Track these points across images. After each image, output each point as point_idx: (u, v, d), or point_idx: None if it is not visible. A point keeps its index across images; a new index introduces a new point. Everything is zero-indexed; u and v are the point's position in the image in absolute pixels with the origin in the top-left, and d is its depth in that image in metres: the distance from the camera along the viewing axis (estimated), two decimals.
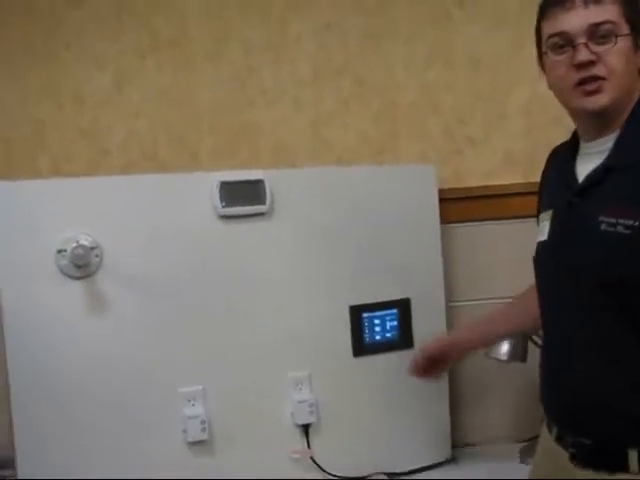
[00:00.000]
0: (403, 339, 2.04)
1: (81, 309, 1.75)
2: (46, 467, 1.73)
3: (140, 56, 2.20)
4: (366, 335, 2.00)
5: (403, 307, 2.04)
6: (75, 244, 1.70)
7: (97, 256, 1.75)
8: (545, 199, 1.45)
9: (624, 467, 1.20)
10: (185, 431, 1.83)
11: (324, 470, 1.96)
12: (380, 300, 2.02)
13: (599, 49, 1.24)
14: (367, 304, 2.01)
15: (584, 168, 1.30)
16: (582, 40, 1.25)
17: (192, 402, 1.84)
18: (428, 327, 2.05)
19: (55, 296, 1.73)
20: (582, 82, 1.26)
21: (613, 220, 1.18)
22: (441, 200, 2.10)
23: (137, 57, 2.20)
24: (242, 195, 1.86)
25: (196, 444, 1.85)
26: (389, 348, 2.03)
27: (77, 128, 2.18)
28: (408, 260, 2.05)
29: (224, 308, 1.87)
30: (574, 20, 1.25)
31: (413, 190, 2.06)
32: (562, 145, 1.45)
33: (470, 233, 2.22)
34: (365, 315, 2.00)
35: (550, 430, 1.37)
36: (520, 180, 2.18)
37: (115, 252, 1.77)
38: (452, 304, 2.18)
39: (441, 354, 1.70)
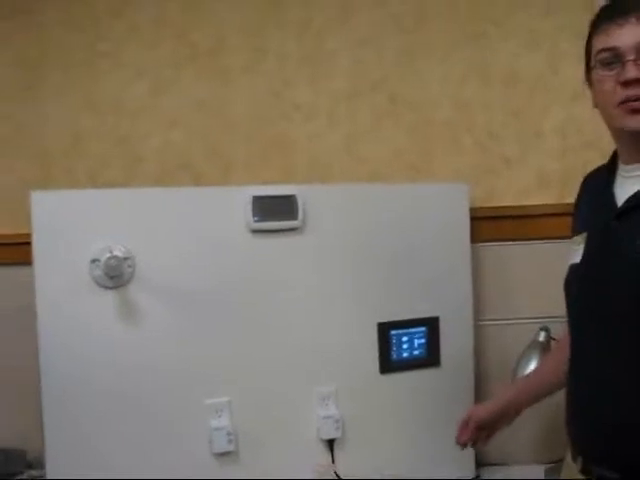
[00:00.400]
0: (431, 357, 2.05)
1: (113, 319, 1.77)
2: (74, 470, 1.75)
3: (177, 66, 2.22)
4: (393, 352, 2.01)
5: (431, 325, 2.04)
6: (109, 254, 1.72)
7: (130, 267, 1.76)
8: (579, 222, 1.43)
9: None
10: (211, 442, 1.84)
11: None
12: (408, 318, 2.02)
13: None
14: (395, 321, 2.01)
15: (624, 191, 1.28)
16: (631, 57, 1.22)
17: (219, 413, 1.85)
18: (456, 346, 2.06)
19: (88, 305, 1.75)
20: (627, 100, 1.23)
21: None
22: (472, 219, 2.10)
23: (174, 67, 2.22)
24: (274, 210, 1.87)
25: (222, 455, 1.86)
26: (416, 366, 2.03)
27: (114, 137, 2.21)
28: (437, 278, 2.05)
29: (254, 321, 1.89)
30: (625, 36, 1.22)
31: (445, 208, 2.06)
32: (597, 170, 1.44)
33: (500, 253, 2.21)
34: (393, 332, 2.00)
35: (575, 460, 1.35)
36: (553, 201, 2.17)
37: (148, 263, 1.79)
38: (480, 323, 2.18)
39: (492, 421, 1.66)
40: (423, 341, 2.04)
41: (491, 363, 2.21)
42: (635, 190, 1.26)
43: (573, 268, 1.36)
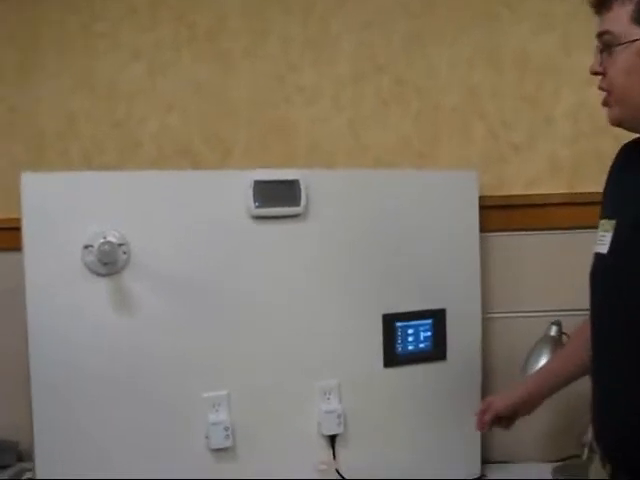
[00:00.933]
0: (437, 350, 1.98)
1: (106, 307, 1.70)
2: (64, 462, 1.68)
3: (176, 48, 2.15)
4: (398, 345, 1.94)
5: (438, 317, 1.98)
6: (102, 240, 1.65)
7: (125, 253, 1.69)
8: (609, 204, 1.33)
9: None
10: (208, 437, 1.77)
11: None
12: (414, 309, 1.95)
13: (605, 59, 1.21)
14: (401, 313, 1.94)
15: None
16: (599, 48, 1.22)
17: (216, 408, 1.78)
18: (463, 339, 2.00)
19: (80, 293, 1.67)
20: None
21: None
22: (481, 207, 2.03)
23: (173, 49, 2.16)
24: (276, 195, 1.80)
25: (219, 451, 1.79)
26: (422, 359, 1.97)
27: (110, 119, 2.14)
28: (445, 268, 1.99)
29: (253, 311, 1.82)
30: (598, 24, 1.23)
31: (453, 196, 1.99)
32: (636, 143, 1.33)
33: (510, 243, 2.14)
34: (398, 324, 1.94)
35: (604, 466, 1.28)
36: (564, 189, 2.10)
37: (143, 249, 1.72)
38: (488, 315, 2.11)
39: (511, 412, 1.64)
40: (429, 334, 1.97)
41: (499, 358, 2.14)
42: None
43: (599, 258, 1.29)
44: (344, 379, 1.89)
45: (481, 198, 2.04)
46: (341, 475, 1.89)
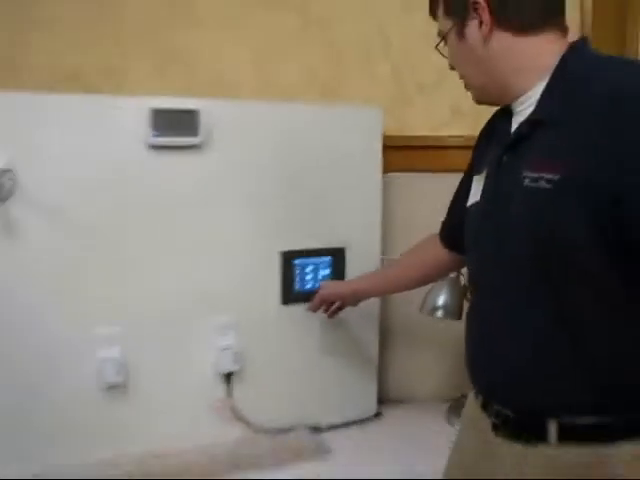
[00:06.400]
0: None
1: None
2: None
3: None
4: (297, 283, 1.92)
5: (337, 255, 1.96)
6: None
7: (10, 179, 1.60)
8: (480, 162, 1.38)
9: (543, 438, 1.17)
10: (99, 373, 1.72)
11: (245, 421, 1.88)
12: (313, 247, 1.93)
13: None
14: (299, 250, 1.91)
15: (517, 123, 1.25)
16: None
17: (108, 343, 1.72)
18: None
19: None
20: None
21: (535, 175, 1.13)
22: (384, 147, 2.00)
23: None
24: (174, 125, 1.73)
25: (111, 388, 1.75)
26: None
27: None
28: (346, 207, 1.96)
29: (147, 245, 1.76)
30: None
31: (357, 133, 1.95)
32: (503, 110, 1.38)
33: (411, 184, 2.13)
34: (297, 262, 1.91)
35: (476, 397, 1.33)
36: (468, 132, 2.10)
37: (31, 177, 1.63)
38: (387, 257, 2.10)
39: (338, 299, 1.85)
40: (328, 272, 1.95)
41: (396, 298, 2.13)
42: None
43: (472, 208, 1.34)
44: (241, 316, 1.86)
45: (385, 138, 2.01)
46: (237, 413, 1.87)
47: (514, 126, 1.25)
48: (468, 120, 2.13)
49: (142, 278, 1.76)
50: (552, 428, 1.16)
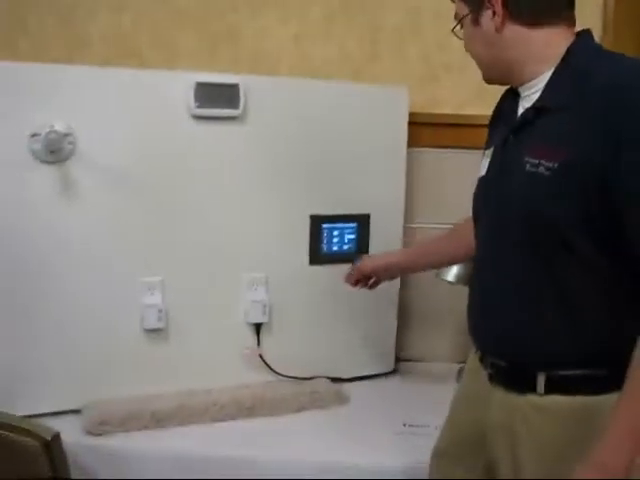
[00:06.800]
0: (359, 253, 2.10)
1: (51, 193, 1.79)
2: (4, 346, 1.82)
3: None
4: (324, 245, 2.08)
5: (362, 222, 2.11)
6: (49, 129, 1.73)
7: (70, 143, 1.78)
8: (490, 138, 1.49)
9: (532, 388, 1.30)
10: (142, 319, 1.91)
11: (271, 368, 2.06)
12: (341, 213, 2.09)
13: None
14: (327, 215, 2.07)
15: (523, 108, 1.34)
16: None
17: (151, 291, 1.91)
18: (385, 244, 2.12)
19: (26, 179, 1.77)
20: None
21: (536, 161, 1.23)
22: (412, 124, 2.15)
23: None
24: (217, 97, 1.89)
25: (152, 332, 1.94)
26: (345, 260, 2.07)
27: (59, 14, 2.18)
28: (372, 177, 2.11)
29: (190, 205, 1.93)
30: None
31: (385, 109, 2.10)
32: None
33: (435, 159, 2.28)
34: (325, 226, 2.07)
35: (475, 352, 1.47)
36: (491, 111, 2.22)
37: (88, 141, 1.81)
38: (411, 225, 2.26)
39: (375, 274, 1.89)
40: (353, 236, 2.11)
41: None
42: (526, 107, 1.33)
43: (479, 181, 1.45)
44: (271, 273, 2.03)
45: (413, 115, 2.16)
46: (264, 360, 2.05)
47: (520, 109, 1.35)
48: (492, 100, 2.24)
49: (184, 234, 1.93)
50: (540, 380, 1.29)
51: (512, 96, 1.41)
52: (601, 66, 1.22)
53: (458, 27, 1.39)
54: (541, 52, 1.29)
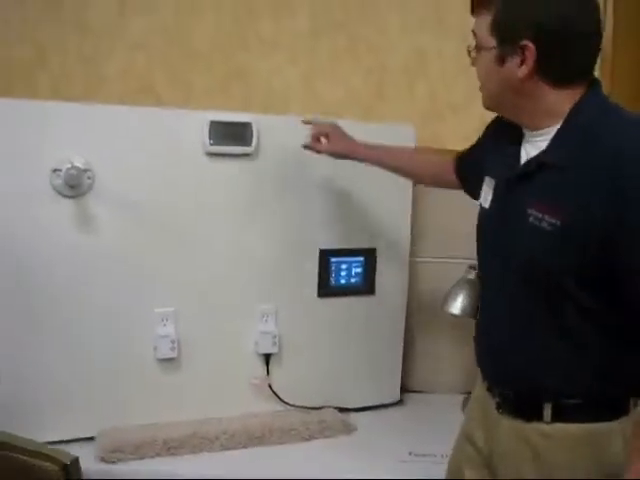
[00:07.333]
0: (366, 285, 2.18)
1: (70, 226, 1.86)
2: (22, 374, 1.87)
3: None
4: (332, 278, 2.14)
5: (369, 255, 2.17)
6: (69, 165, 1.81)
7: (89, 178, 1.85)
8: (492, 162, 1.50)
9: (539, 417, 1.36)
10: (156, 348, 1.97)
11: (280, 398, 2.11)
12: (348, 247, 2.15)
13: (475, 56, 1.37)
14: (336, 249, 2.14)
15: (526, 155, 1.38)
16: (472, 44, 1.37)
17: (164, 322, 1.97)
18: (391, 276, 2.21)
19: (47, 213, 1.83)
20: None
21: (539, 215, 1.28)
22: None
23: None
24: (230, 135, 1.97)
25: (165, 361, 1.99)
26: (352, 292, 2.17)
27: (78, 54, 2.26)
28: (379, 213, 2.18)
29: (203, 238, 1.99)
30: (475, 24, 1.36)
31: None
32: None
33: (442, 194, 2.32)
34: (333, 259, 2.13)
35: (483, 381, 1.53)
36: None
37: (106, 176, 1.88)
38: (415, 259, 2.32)
39: (335, 150, 1.89)
40: (360, 270, 2.17)
41: (422, 296, 2.36)
42: (533, 155, 1.35)
43: (483, 212, 1.49)
44: (281, 305, 2.09)
45: None
46: (273, 390, 2.11)
47: (523, 151, 1.38)
48: None
49: (196, 266, 1.99)
50: (547, 409, 1.35)
51: (513, 128, 1.43)
52: (607, 126, 1.25)
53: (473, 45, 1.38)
54: (554, 108, 1.31)
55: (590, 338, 1.31)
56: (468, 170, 1.68)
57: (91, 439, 1.93)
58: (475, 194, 1.57)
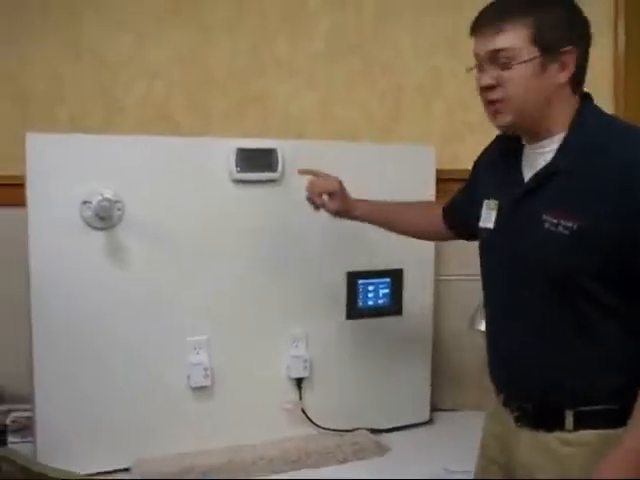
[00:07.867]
0: (394, 306, 2.21)
1: (101, 257, 1.87)
2: (60, 405, 1.87)
3: (159, 19, 2.28)
4: (360, 300, 2.15)
5: (396, 277, 2.19)
6: (100, 197, 1.82)
7: (119, 210, 1.86)
8: (490, 185, 1.52)
9: (560, 425, 1.37)
10: (189, 377, 1.97)
11: (312, 421, 2.12)
12: (375, 269, 2.17)
13: (500, 74, 1.33)
14: (363, 271, 2.15)
15: (529, 165, 1.41)
16: (486, 64, 1.35)
17: (197, 350, 1.98)
18: (417, 296, 2.23)
19: (78, 244, 1.84)
20: (487, 103, 1.39)
21: (555, 221, 1.31)
22: (439, 180, 2.24)
23: (156, 20, 2.28)
24: (256, 162, 1.99)
25: (198, 389, 2.00)
26: (380, 314, 2.19)
27: (95, 85, 2.27)
28: None
29: (234, 265, 2.01)
30: (481, 45, 1.35)
31: (413, 168, 2.19)
32: (510, 139, 1.49)
33: None
34: (360, 281, 2.15)
35: (498, 397, 1.53)
36: None
37: (135, 207, 1.89)
38: (441, 277, 2.34)
39: (336, 211, 1.84)
40: (387, 291, 2.19)
41: (449, 315, 2.38)
42: (539, 166, 1.38)
43: (486, 233, 1.50)
44: (311, 329, 2.11)
45: (439, 171, 2.25)
46: (306, 414, 2.11)
47: (528, 167, 1.41)
48: None
49: (227, 294, 2.01)
50: (569, 416, 1.36)
51: (510, 144, 1.46)
52: (615, 138, 1.30)
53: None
54: (564, 115, 1.35)
55: (611, 340, 1.33)
56: (459, 212, 1.73)
57: (126, 470, 1.92)
58: (467, 235, 1.69)
